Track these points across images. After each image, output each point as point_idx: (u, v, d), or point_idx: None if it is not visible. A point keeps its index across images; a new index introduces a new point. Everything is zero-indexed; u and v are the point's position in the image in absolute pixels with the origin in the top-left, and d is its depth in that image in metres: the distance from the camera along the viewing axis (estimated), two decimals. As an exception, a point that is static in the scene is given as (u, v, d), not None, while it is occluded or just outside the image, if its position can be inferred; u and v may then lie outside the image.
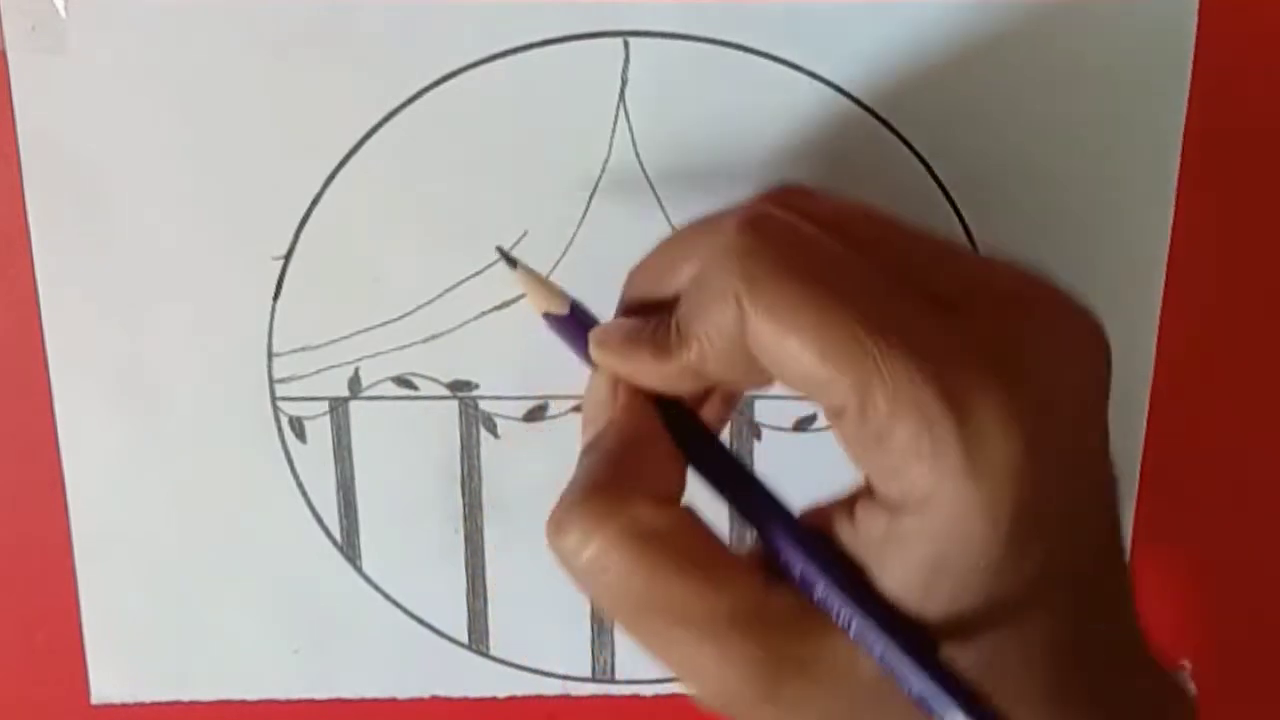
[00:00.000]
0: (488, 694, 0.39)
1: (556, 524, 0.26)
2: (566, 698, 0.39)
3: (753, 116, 0.34)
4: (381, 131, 0.34)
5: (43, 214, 0.34)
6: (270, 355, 0.35)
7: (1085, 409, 0.26)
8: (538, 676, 0.39)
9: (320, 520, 0.37)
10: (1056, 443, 0.25)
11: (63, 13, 0.33)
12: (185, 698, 0.39)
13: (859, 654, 0.26)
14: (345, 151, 0.34)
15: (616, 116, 0.34)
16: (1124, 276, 0.35)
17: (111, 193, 0.34)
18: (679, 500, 0.27)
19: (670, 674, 0.31)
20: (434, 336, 0.35)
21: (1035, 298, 0.27)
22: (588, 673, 0.39)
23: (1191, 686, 0.36)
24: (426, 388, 0.36)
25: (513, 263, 0.31)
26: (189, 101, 0.33)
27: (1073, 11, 0.33)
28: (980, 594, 0.25)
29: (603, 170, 0.34)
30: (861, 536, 0.26)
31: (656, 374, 0.27)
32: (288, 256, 0.35)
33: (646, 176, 0.34)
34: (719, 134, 0.34)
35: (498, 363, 0.36)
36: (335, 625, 0.38)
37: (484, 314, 0.35)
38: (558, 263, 0.35)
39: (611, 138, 0.34)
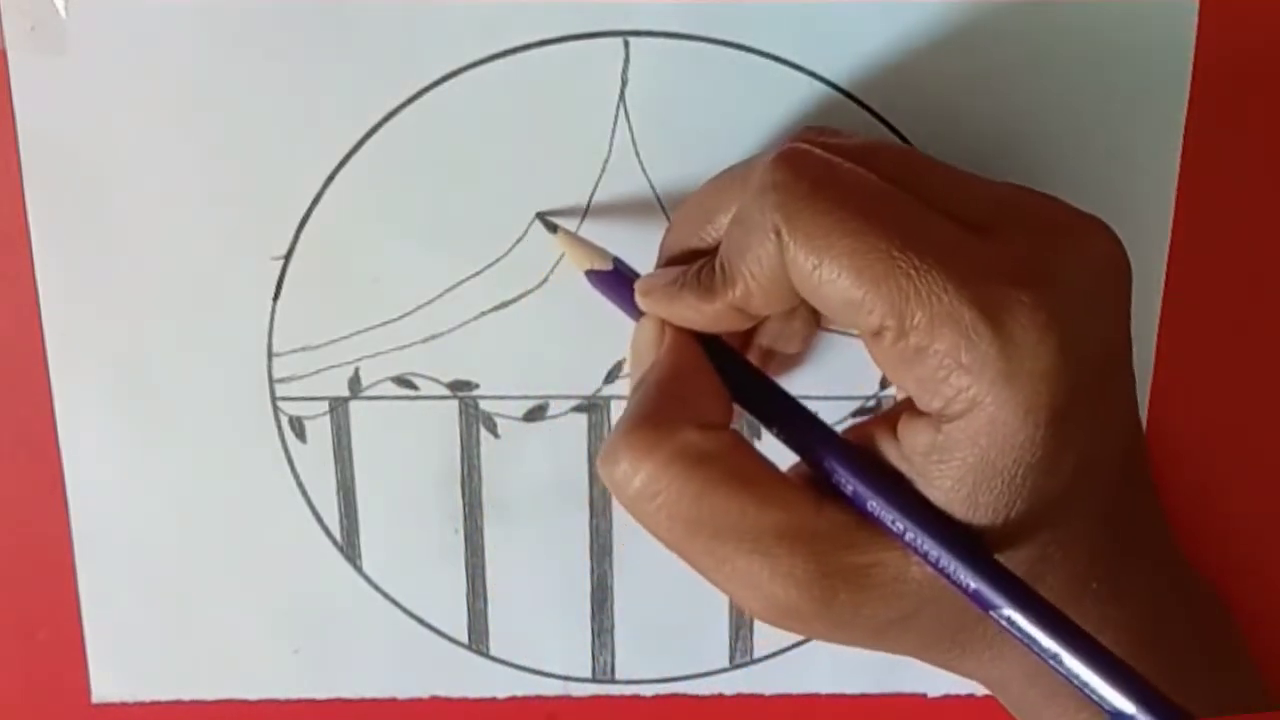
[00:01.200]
0: (488, 694, 0.39)
1: (607, 455, 0.27)
2: (566, 698, 0.39)
3: (753, 116, 0.34)
4: (381, 131, 0.34)
5: (43, 214, 0.34)
6: (270, 355, 0.35)
7: (1110, 318, 0.28)
8: (538, 676, 0.39)
9: (320, 520, 0.37)
10: (1086, 348, 0.26)
11: (63, 13, 0.33)
12: (185, 698, 0.39)
13: (910, 562, 0.27)
14: (345, 151, 0.34)
15: (616, 116, 0.34)
16: (1124, 276, 0.35)
17: (111, 193, 0.34)
18: (727, 425, 0.28)
19: (666, 676, 0.31)
20: (434, 336, 0.35)
21: (1060, 218, 0.28)
22: (588, 673, 0.39)
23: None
24: (426, 388, 0.36)
25: (552, 227, 0.33)
26: (189, 101, 0.33)
27: (1073, 11, 0.33)
28: (1024, 496, 0.26)
29: (603, 170, 0.34)
30: (906, 451, 0.27)
31: (702, 314, 0.28)
32: (288, 256, 0.35)
33: (646, 176, 0.34)
34: (719, 134, 0.34)
35: (498, 363, 0.36)
36: (335, 625, 0.38)
37: (484, 314, 0.35)
38: (557, 262, 0.35)
39: (611, 138, 0.34)
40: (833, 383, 0.36)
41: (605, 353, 0.36)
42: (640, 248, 0.33)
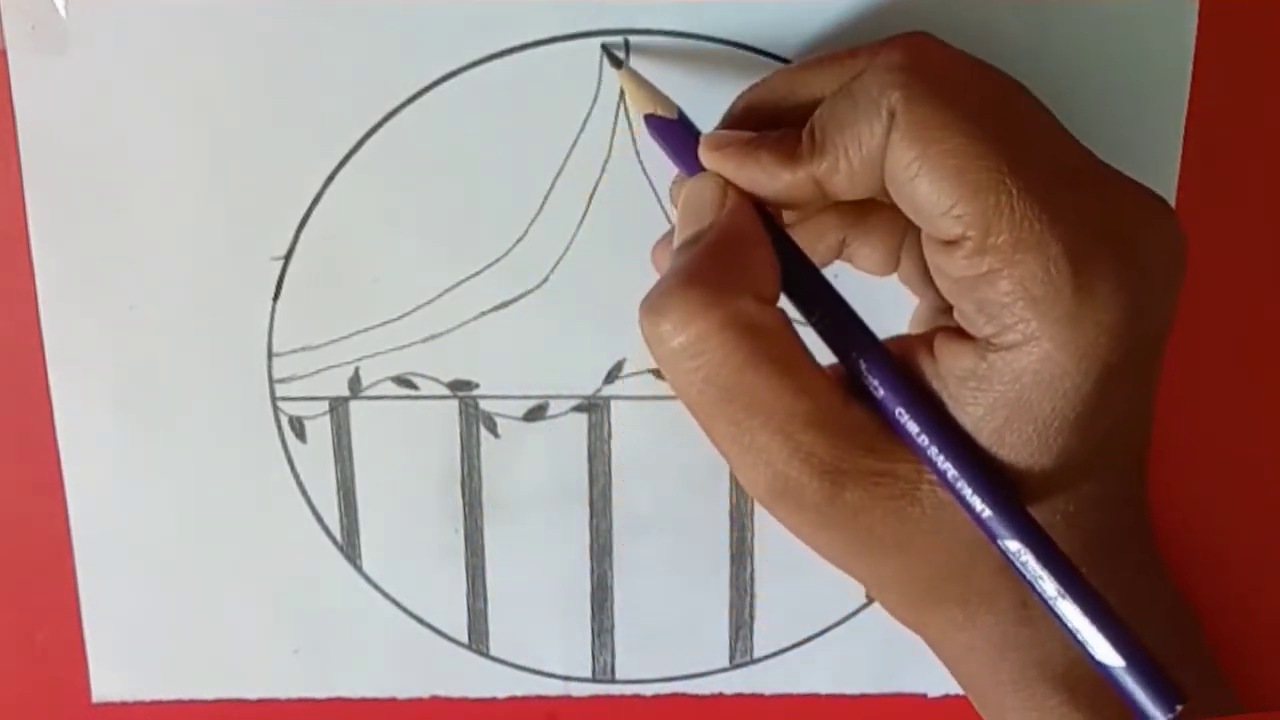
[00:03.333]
0: (488, 694, 0.39)
1: (652, 307, 0.27)
2: (567, 698, 0.39)
3: (753, 116, 0.34)
4: (381, 131, 0.34)
5: (43, 214, 0.34)
6: (270, 355, 0.35)
7: (1169, 300, 0.28)
8: (538, 676, 0.39)
9: (320, 520, 0.37)
10: (1148, 319, 0.26)
11: (63, 13, 0.33)
12: (185, 697, 0.39)
13: (922, 482, 0.27)
14: (345, 151, 0.34)
15: (616, 116, 0.34)
16: (1124, 276, 0.35)
17: (111, 193, 0.34)
18: (776, 304, 0.28)
19: (666, 676, 0.31)
20: (434, 336, 0.35)
21: (1139, 193, 0.28)
22: (588, 673, 0.39)
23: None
24: (426, 387, 0.36)
25: (618, 62, 0.32)
26: (189, 101, 0.33)
27: (1073, 11, 0.33)
28: (1050, 452, 0.26)
29: (603, 170, 0.34)
30: (943, 370, 0.27)
31: (778, 181, 0.28)
32: (288, 256, 0.35)
33: (646, 176, 0.34)
34: (719, 134, 0.34)
35: (498, 363, 0.36)
36: (335, 625, 0.38)
37: (484, 314, 0.35)
38: (558, 263, 0.35)
39: (611, 138, 0.34)
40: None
41: (605, 353, 0.36)
42: (640, 248, 0.33)
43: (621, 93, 0.33)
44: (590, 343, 0.35)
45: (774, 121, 0.29)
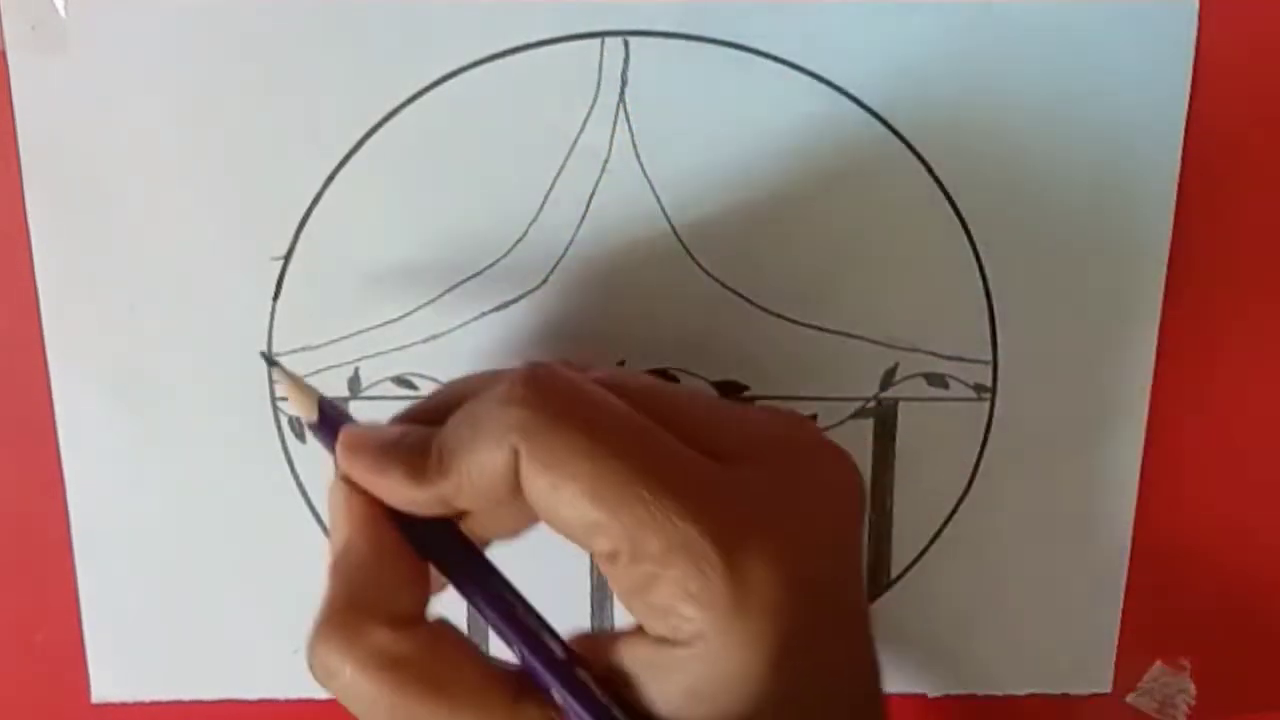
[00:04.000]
0: (488, 694, 0.39)
1: (309, 652, 0.27)
2: (566, 698, 0.39)
3: (753, 116, 0.34)
4: (381, 131, 0.34)
5: (43, 214, 0.34)
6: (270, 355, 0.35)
7: (841, 544, 0.29)
8: (538, 676, 0.39)
9: (320, 520, 0.37)
10: (815, 576, 0.27)
11: (63, 13, 0.33)
12: (185, 698, 0.39)
13: None
14: (345, 151, 0.34)
15: (616, 116, 0.34)
16: (1124, 276, 0.35)
17: (111, 193, 0.34)
18: (422, 616, 0.28)
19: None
20: (434, 336, 0.35)
21: (801, 447, 0.29)
22: (588, 673, 0.39)
23: (1191, 686, 0.36)
24: (426, 388, 0.36)
25: (272, 362, 0.31)
26: (189, 101, 0.33)
27: (1073, 11, 0.33)
28: (736, 713, 0.26)
29: (603, 170, 0.34)
30: (625, 660, 0.27)
31: (406, 497, 0.28)
32: (288, 256, 0.35)
33: (646, 176, 0.34)
34: (719, 134, 0.34)
35: (497, 363, 0.36)
36: (335, 625, 0.38)
37: (484, 314, 0.35)
38: (558, 262, 0.35)
39: (611, 138, 0.34)
40: (833, 383, 0.36)
41: (605, 353, 0.36)
42: (640, 248, 0.33)
43: (621, 93, 0.33)
44: (590, 343, 0.35)
45: (443, 420, 0.29)
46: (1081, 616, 0.38)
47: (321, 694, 0.27)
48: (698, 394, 0.30)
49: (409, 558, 0.28)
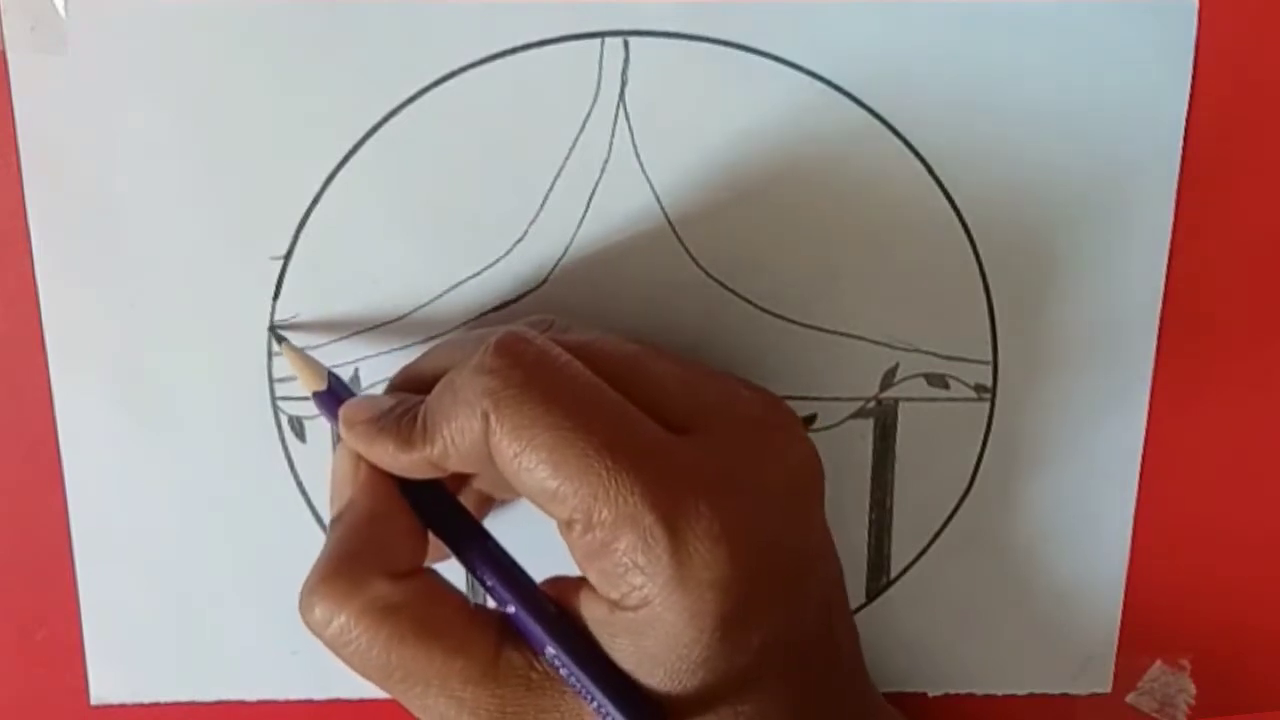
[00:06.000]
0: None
1: (303, 600, 0.29)
2: (566, 698, 0.39)
3: (752, 116, 0.34)
4: (381, 131, 0.34)
5: (43, 214, 0.34)
6: (270, 355, 0.35)
7: (800, 522, 0.30)
8: (538, 676, 0.38)
9: (320, 520, 0.37)
10: (768, 555, 0.28)
11: (63, 13, 0.33)
12: (185, 698, 0.38)
13: (585, 710, 0.28)
14: (345, 151, 0.34)
15: (616, 116, 0.34)
16: (1124, 277, 0.35)
17: (111, 193, 0.34)
18: (418, 570, 0.30)
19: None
20: (434, 337, 0.35)
21: (762, 420, 0.30)
22: (588, 673, 0.38)
23: (1191, 686, 0.36)
24: (426, 388, 0.36)
25: (280, 338, 0.34)
26: (189, 101, 0.33)
27: (1073, 12, 0.33)
28: (691, 681, 0.28)
29: (603, 170, 0.34)
30: (585, 615, 0.29)
31: (398, 462, 0.30)
32: (288, 256, 0.35)
33: (646, 176, 0.34)
34: (719, 134, 0.34)
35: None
36: (335, 625, 0.38)
37: (484, 314, 0.35)
38: (558, 263, 0.35)
39: (611, 138, 0.34)
40: (833, 383, 0.36)
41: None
42: (640, 248, 0.33)
43: (621, 93, 0.33)
44: (590, 343, 0.35)
45: (430, 388, 0.30)
46: (1081, 616, 0.38)
47: (321, 694, 0.27)
48: (673, 361, 0.30)
49: (408, 517, 0.30)
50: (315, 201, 0.34)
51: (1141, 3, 0.33)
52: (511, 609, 0.29)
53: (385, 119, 0.34)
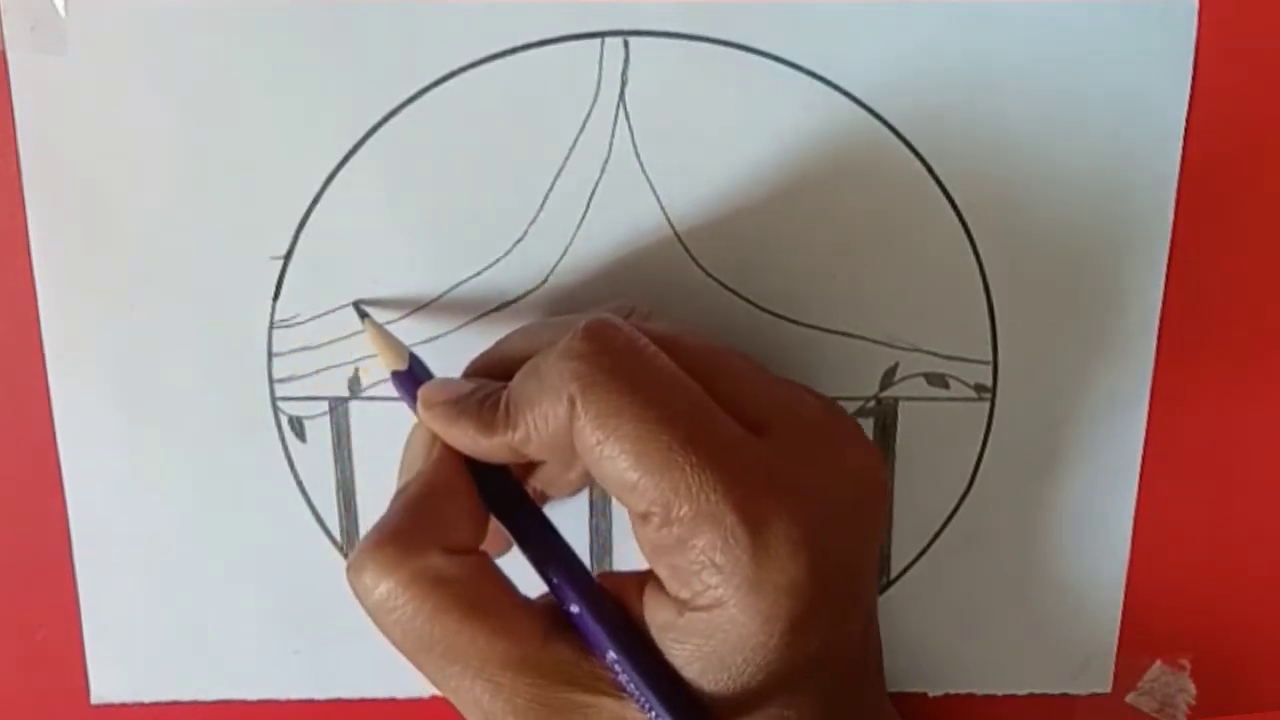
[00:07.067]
0: (488, 694, 0.39)
1: (354, 562, 0.28)
2: (566, 698, 0.39)
3: (752, 116, 0.34)
4: (381, 131, 0.34)
5: (43, 214, 0.34)
6: (270, 355, 0.35)
7: (862, 529, 0.30)
8: (538, 676, 0.38)
9: (320, 520, 0.37)
10: (835, 563, 0.28)
11: (63, 13, 0.33)
12: (185, 698, 0.39)
13: (628, 709, 0.28)
14: (345, 151, 0.34)
15: (616, 116, 0.34)
16: (1124, 276, 0.35)
17: (111, 193, 0.34)
18: (473, 550, 0.29)
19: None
20: (434, 337, 0.35)
21: (833, 428, 0.30)
22: (588, 673, 0.38)
23: (1191, 686, 0.36)
24: (426, 388, 0.36)
25: (363, 314, 0.34)
26: (189, 101, 0.33)
27: (1073, 11, 0.33)
28: (752, 682, 0.27)
29: (603, 170, 0.34)
30: (647, 618, 0.28)
31: (477, 446, 0.29)
32: (288, 256, 0.35)
33: (646, 176, 0.34)
34: (719, 134, 0.34)
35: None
36: (335, 625, 0.38)
37: (484, 314, 0.35)
38: (557, 263, 0.35)
39: (611, 138, 0.34)
40: (832, 382, 0.36)
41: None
42: (640, 248, 0.33)
43: (621, 93, 0.33)
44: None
45: (511, 373, 0.30)
46: (1081, 616, 0.38)
47: (321, 694, 0.27)
48: (746, 362, 0.30)
49: (473, 499, 0.30)
50: (315, 201, 0.34)
51: (1141, 3, 0.33)
52: (575, 608, 0.29)
53: (385, 119, 0.34)
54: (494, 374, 0.31)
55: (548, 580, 0.30)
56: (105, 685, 0.38)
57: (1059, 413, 0.36)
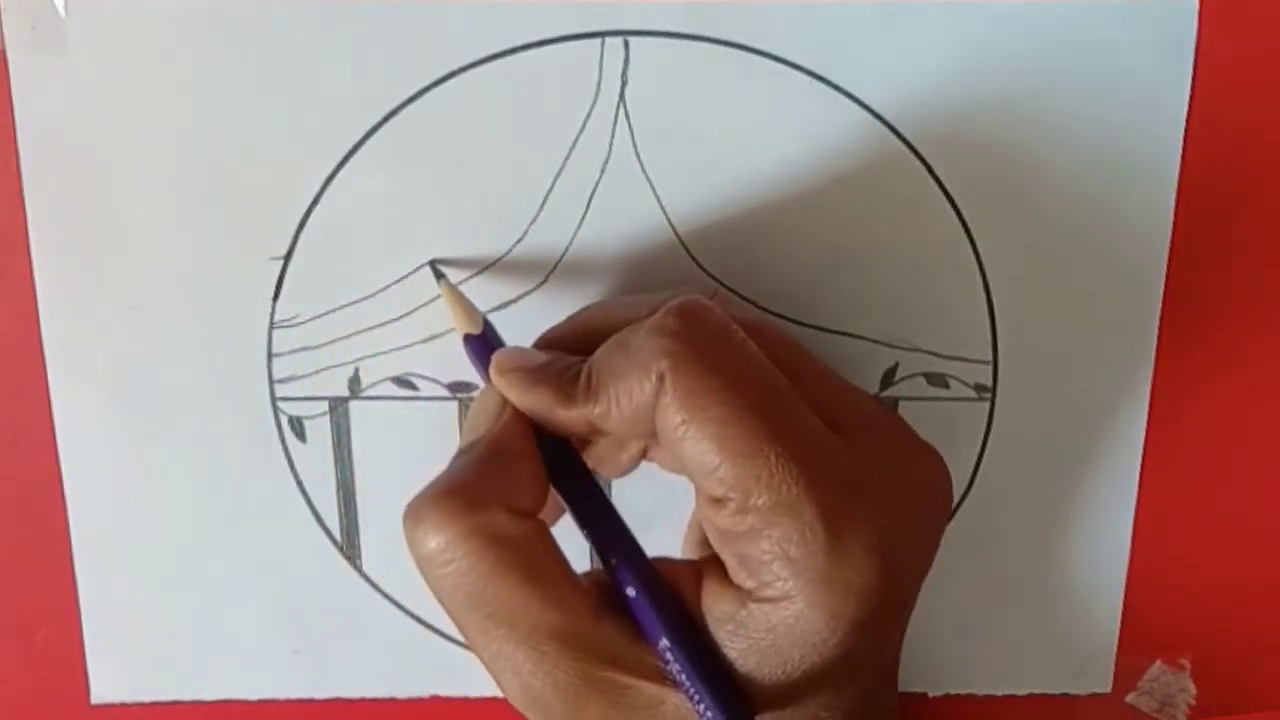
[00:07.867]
0: (488, 694, 0.39)
1: (412, 511, 0.28)
2: (566, 698, 0.39)
3: (753, 116, 0.34)
4: (381, 131, 0.34)
5: (43, 214, 0.34)
6: (270, 355, 0.35)
7: (925, 540, 0.30)
8: (538, 676, 0.38)
9: (320, 520, 0.37)
10: (902, 570, 0.28)
11: (63, 13, 0.33)
12: (185, 698, 0.39)
13: (667, 695, 0.28)
14: (345, 151, 0.34)
15: (616, 116, 0.34)
16: (1124, 276, 0.35)
17: (111, 192, 0.34)
18: (534, 515, 0.29)
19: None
20: (434, 337, 0.35)
21: (904, 438, 0.30)
22: (588, 673, 0.38)
23: (1191, 686, 0.36)
24: (426, 388, 0.36)
25: (439, 274, 0.33)
26: (189, 101, 0.33)
27: (1073, 11, 0.33)
28: (803, 678, 0.27)
29: (603, 170, 0.34)
30: (705, 607, 0.28)
31: (553, 416, 0.29)
32: (288, 256, 0.35)
33: (646, 176, 0.34)
34: (719, 134, 0.34)
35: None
36: (335, 625, 0.38)
37: (484, 314, 0.35)
38: (558, 263, 0.35)
39: (611, 138, 0.34)
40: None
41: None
42: (640, 248, 0.33)
43: (621, 93, 0.33)
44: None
45: (585, 348, 0.30)
46: (1081, 616, 0.38)
47: (321, 694, 0.27)
48: (821, 362, 0.30)
49: (538, 466, 0.29)
50: (315, 201, 0.34)
51: (1141, 3, 0.33)
52: (631, 592, 0.28)
53: (385, 119, 0.34)
54: (566, 347, 0.31)
55: (605, 561, 0.29)
56: (105, 685, 0.38)
57: (1059, 413, 0.36)
